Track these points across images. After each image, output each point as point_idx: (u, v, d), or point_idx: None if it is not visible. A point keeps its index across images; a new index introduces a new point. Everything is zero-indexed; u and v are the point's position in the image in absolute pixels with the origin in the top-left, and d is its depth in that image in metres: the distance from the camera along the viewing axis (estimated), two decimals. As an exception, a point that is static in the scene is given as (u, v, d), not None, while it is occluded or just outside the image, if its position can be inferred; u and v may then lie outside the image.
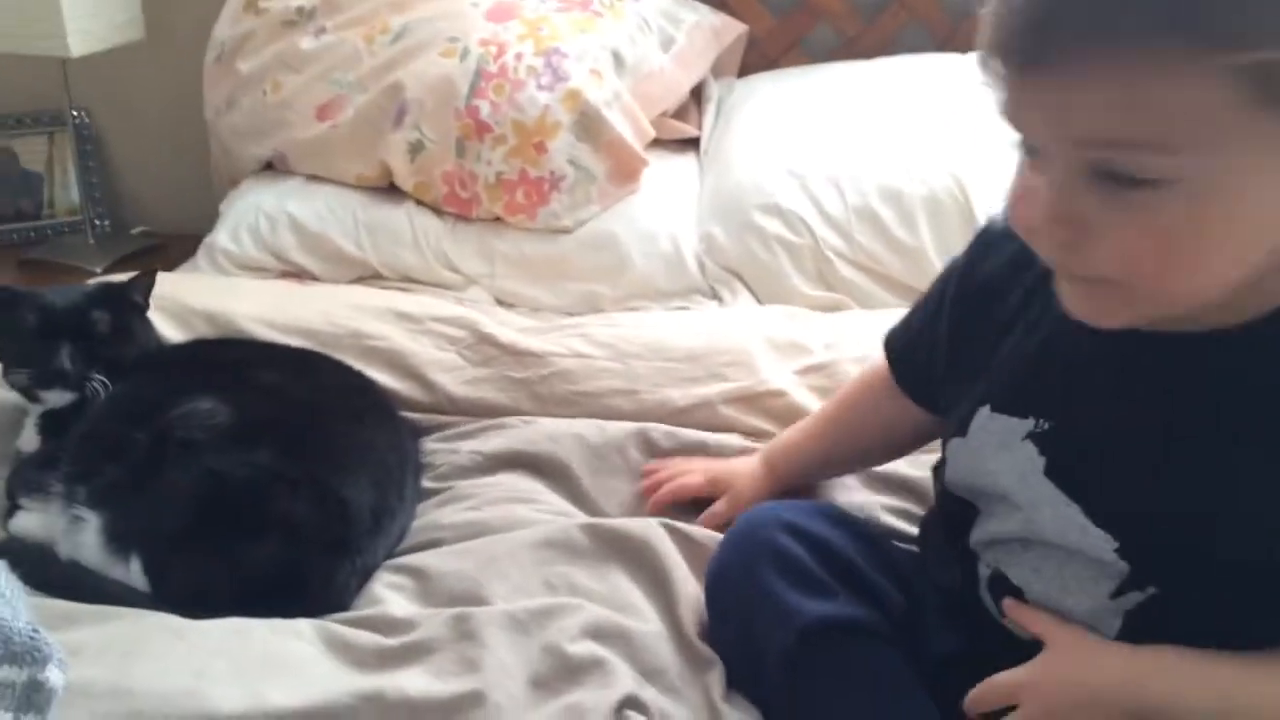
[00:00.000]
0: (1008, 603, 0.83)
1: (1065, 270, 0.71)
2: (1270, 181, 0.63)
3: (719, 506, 1.11)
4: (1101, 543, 0.77)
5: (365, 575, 1.05)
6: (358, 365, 1.31)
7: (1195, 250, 0.65)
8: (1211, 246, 0.65)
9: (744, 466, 1.15)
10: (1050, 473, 0.79)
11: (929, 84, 1.75)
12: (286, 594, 0.99)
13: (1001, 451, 0.82)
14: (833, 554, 0.92)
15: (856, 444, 1.10)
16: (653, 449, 1.21)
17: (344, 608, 1.01)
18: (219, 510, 1.01)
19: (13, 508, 1.13)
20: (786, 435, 1.15)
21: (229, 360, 1.23)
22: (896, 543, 1.02)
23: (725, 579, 0.95)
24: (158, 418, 1.08)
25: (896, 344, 1.02)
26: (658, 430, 1.23)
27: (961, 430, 0.86)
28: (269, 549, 1.00)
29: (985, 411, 0.84)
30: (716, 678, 0.92)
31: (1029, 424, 0.81)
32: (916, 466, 1.13)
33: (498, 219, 1.71)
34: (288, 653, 0.89)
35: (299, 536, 1.00)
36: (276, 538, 1.00)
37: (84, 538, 1.04)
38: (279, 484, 1.02)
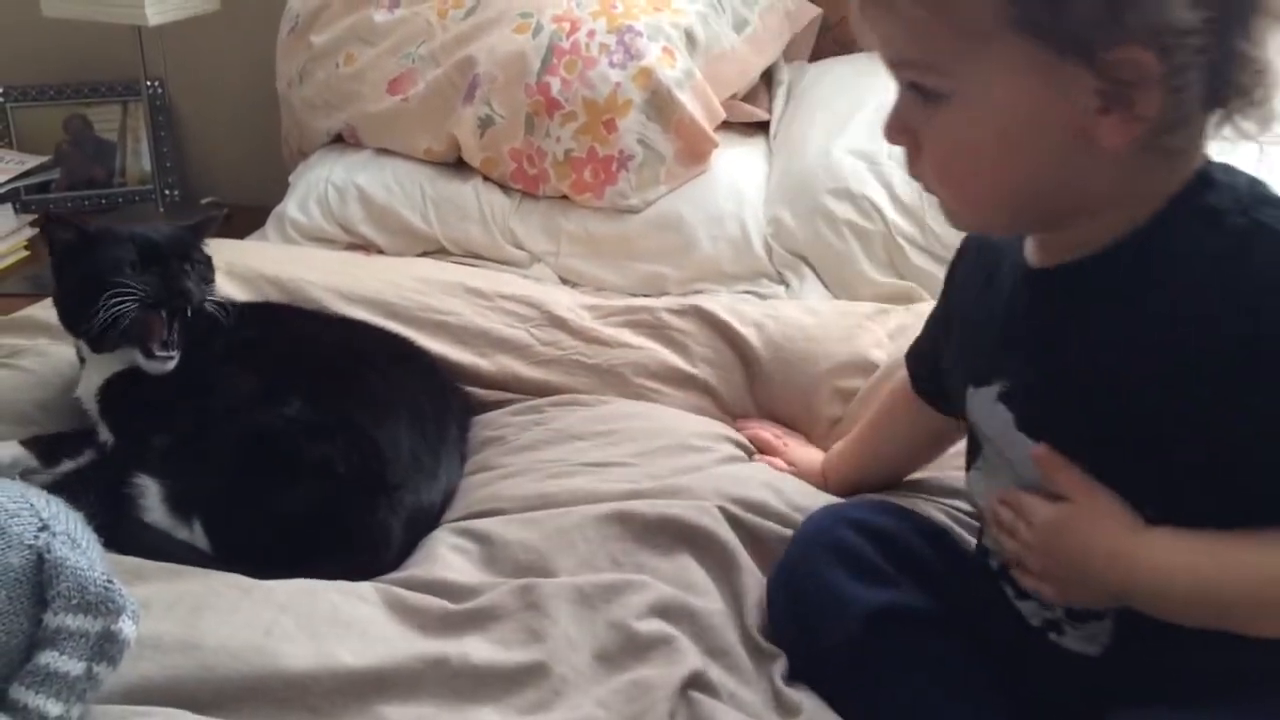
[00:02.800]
0: (1037, 450, 0.79)
1: (915, 181, 0.79)
2: (1022, 99, 0.69)
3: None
4: None
5: (416, 516, 1.07)
6: (428, 339, 1.31)
7: (966, 161, 0.73)
8: (978, 159, 0.73)
9: (812, 463, 1.19)
10: (1021, 426, 0.81)
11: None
12: (331, 532, 1.02)
13: (991, 420, 0.84)
14: (896, 545, 0.92)
15: (885, 455, 1.12)
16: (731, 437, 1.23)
17: (389, 545, 1.03)
18: (259, 462, 1.05)
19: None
20: (838, 444, 1.18)
21: (268, 321, 1.26)
22: (964, 533, 1.00)
23: (788, 576, 0.95)
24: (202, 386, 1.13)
25: (912, 346, 1.06)
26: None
27: (964, 414, 0.89)
28: (307, 490, 1.03)
29: (971, 390, 0.86)
30: (779, 666, 0.92)
31: (995, 388, 0.83)
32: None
33: (564, 197, 1.70)
34: (353, 613, 0.90)
35: (333, 476, 1.04)
36: (313, 479, 1.04)
37: (148, 503, 1.06)
38: (310, 431, 1.06)
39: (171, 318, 1.13)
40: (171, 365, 1.13)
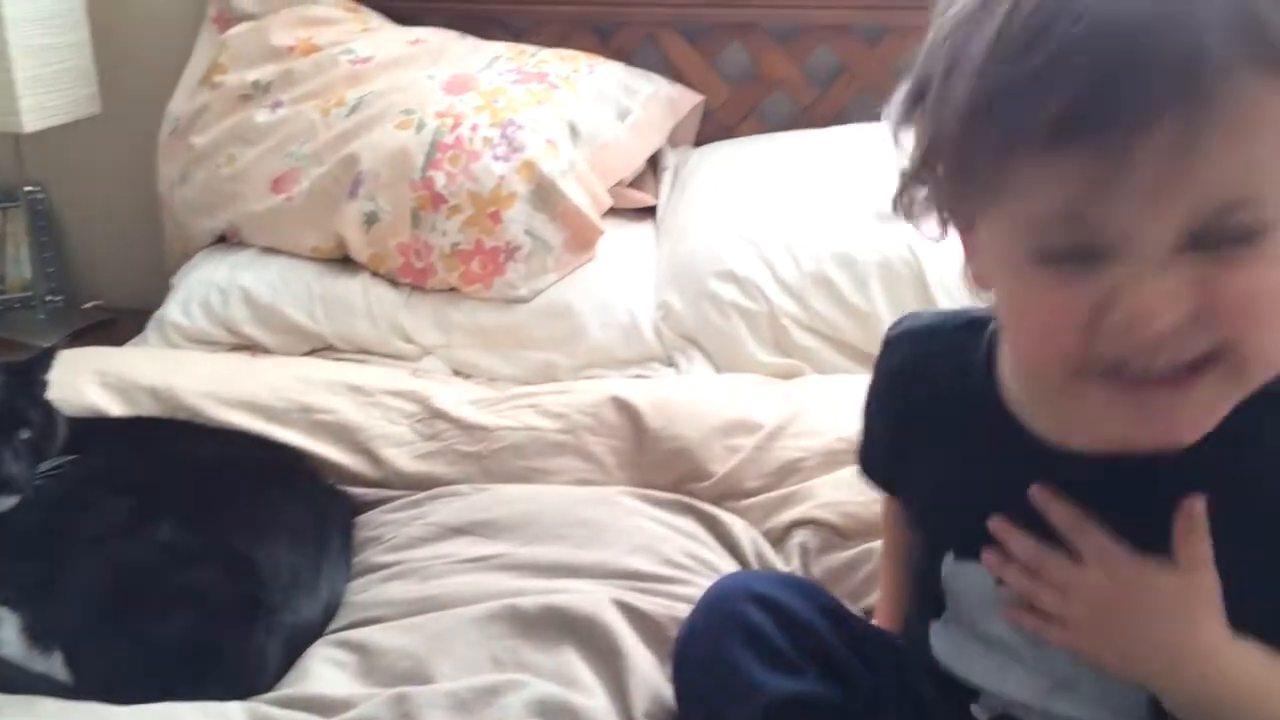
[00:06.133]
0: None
1: (1165, 360, 0.61)
2: None
3: None
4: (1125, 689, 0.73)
5: (296, 635, 1.03)
6: (305, 439, 1.29)
7: None
8: None
9: None
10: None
11: (881, 151, 1.75)
12: (204, 662, 0.98)
13: (985, 602, 0.78)
14: (800, 628, 0.90)
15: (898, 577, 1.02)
16: (615, 507, 1.20)
17: (265, 670, 0.99)
18: (126, 595, 1.01)
19: None
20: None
21: (134, 441, 1.22)
22: (863, 616, 1.00)
23: (692, 650, 0.93)
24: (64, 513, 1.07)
25: (862, 457, 0.97)
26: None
27: (936, 582, 0.83)
28: (180, 620, 0.99)
29: (949, 560, 0.81)
30: None
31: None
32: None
33: (453, 289, 1.70)
34: (217, 738, 0.86)
35: (207, 603, 1.00)
36: (185, 609, 1.00)
37: (4, 634, 1.01)
38: (180, 558, 1.02)
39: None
40: (13, 502, 1.08)
